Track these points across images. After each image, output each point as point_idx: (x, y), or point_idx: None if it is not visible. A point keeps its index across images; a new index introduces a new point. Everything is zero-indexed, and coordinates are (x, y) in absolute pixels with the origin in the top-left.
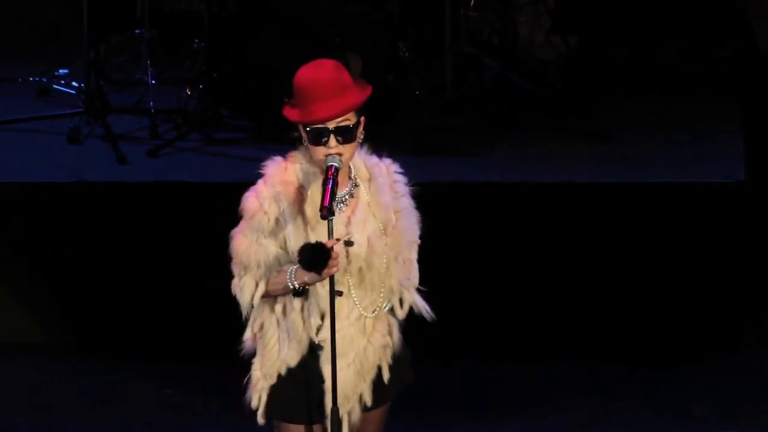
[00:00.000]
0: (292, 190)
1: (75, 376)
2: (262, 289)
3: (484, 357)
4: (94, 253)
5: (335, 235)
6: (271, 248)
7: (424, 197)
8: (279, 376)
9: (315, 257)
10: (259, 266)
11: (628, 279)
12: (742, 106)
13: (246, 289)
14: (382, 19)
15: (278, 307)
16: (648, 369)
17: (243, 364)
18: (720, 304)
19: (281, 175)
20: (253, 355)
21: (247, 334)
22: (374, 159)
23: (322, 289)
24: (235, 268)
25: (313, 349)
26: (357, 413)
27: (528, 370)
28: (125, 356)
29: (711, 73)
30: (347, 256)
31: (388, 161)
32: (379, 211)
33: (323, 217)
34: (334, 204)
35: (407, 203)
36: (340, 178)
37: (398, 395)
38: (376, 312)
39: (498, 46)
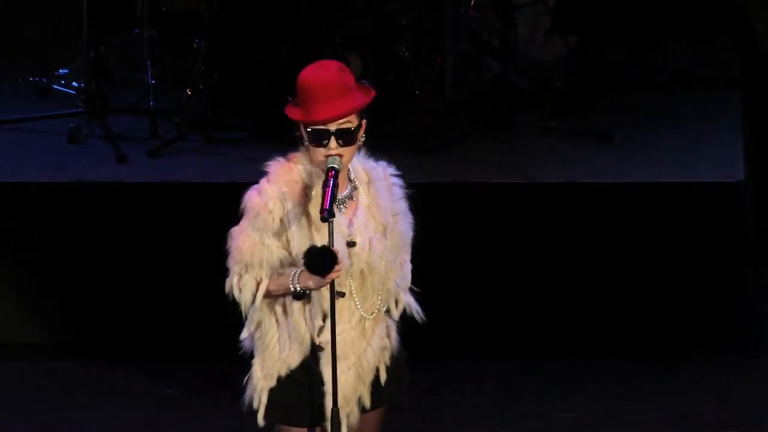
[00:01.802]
0: (297, 190)
1: (75, 376)
2: (264, 288)
3: (484, 357)
4: (94, 253)
5: (337, 237)
6: (275, 248)
7: (424, 197)
8: (279, 377)
9: (320, 260)
10: (261, 266)
11: (628, 279)
12: (742, 106)
13: (247, 288)
14: (382, 19)
15: (278, 308)
16: (649, 369)
17: (243, 363)
18: (720, 304)
19: (287, 175)
20: (252, 354)
21: (245, 334)
22: (372, 162)
23: (324, 290)
24: (235, 266)
25: (315, 350)
26: (356, 415)
27: (528, 369)
28: (125, 356)
29: (710, 72)
30: (349, 258)
31: (384, 164)
32: (378, 214)
33: (323, 219)
34: (335, 206)
35: (404, 206)
36: (339, 180)
37: (397, 396)
38: (374, 314)
39: (498, 46)
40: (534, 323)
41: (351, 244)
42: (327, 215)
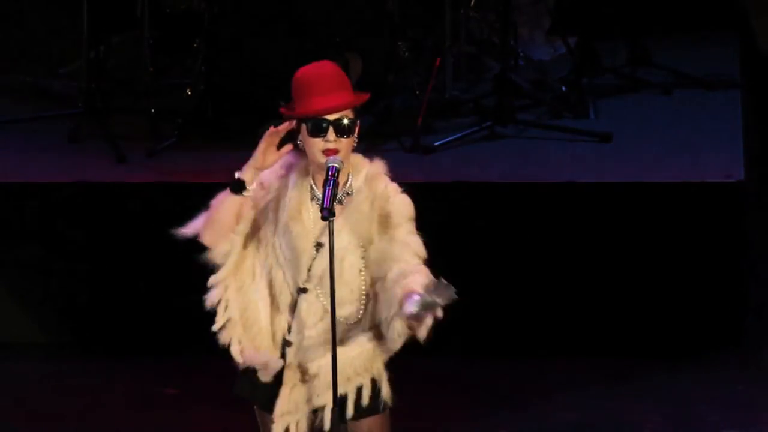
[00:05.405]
0: (276, 185)
1: (75, 376)
2: (200, 222)
3: (484, 357)
4: (94, 253)
5: (309, 238)
6: (246, 207)
7: (424, 197)
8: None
9: None
10: (219, 208)
11: (628, 278)
12: (742, 106)
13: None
14: (382, 19)
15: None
16: (649, 368)
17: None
18: (721, 303)
19: (276, 171)
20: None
21: (217, 326)
22: (380, 174)
23: (285, 288)
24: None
25: (284, 346)
26: (302, 428)
27: (528, 369)
28: (125, 356)
29: (710, 72)
30: (313, 259)
31: (393, 185)
32: (361, 225)
33: (324, 218)
34: (334, 203)
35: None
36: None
37: (397, 395)
38: (355, 321)
39: (498, 46)
40: (534, 323)
41: (319, 245)
42: (327, 214)
